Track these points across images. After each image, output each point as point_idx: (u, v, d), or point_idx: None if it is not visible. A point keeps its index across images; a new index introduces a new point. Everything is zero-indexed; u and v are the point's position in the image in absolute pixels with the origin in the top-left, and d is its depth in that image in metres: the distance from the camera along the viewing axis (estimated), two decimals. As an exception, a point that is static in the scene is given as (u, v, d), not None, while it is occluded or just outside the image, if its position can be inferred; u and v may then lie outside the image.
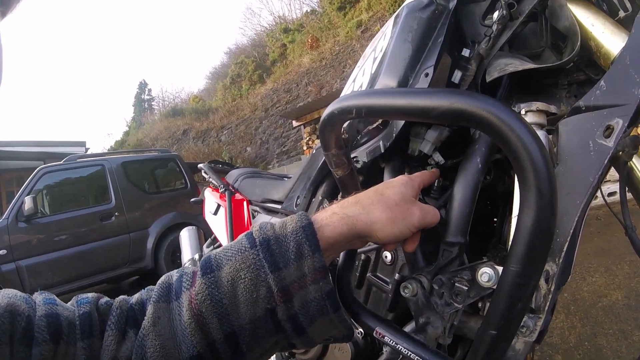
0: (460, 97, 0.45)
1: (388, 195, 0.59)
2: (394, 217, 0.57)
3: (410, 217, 0.58)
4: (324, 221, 0.55)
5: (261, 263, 0.51)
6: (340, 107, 0.61)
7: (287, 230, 0.53)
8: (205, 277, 0.51)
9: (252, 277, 0.50)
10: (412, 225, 0.58)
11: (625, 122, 0.52)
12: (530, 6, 0.68)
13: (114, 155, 6.59)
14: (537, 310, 0.59)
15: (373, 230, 0.56)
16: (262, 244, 0.52)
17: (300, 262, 0.51)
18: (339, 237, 0.55)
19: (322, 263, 0.52)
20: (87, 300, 0.54)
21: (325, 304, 0.53)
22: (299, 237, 0.52)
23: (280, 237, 0.53)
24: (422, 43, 0.75)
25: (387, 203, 0.58)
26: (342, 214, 0.56)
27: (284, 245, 0.52)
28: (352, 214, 0.56)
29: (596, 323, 2.38)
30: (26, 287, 4.81)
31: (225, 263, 0.52)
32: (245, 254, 0.52)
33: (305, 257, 0.51)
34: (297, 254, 0.51)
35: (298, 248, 0.52)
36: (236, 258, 0.52)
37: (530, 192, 0.43)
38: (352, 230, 0.56)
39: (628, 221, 0.76)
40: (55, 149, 12.67)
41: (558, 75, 0.73)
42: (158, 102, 33.37)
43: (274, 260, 0.51)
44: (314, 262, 0.51)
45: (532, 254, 0.45)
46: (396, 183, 0.62)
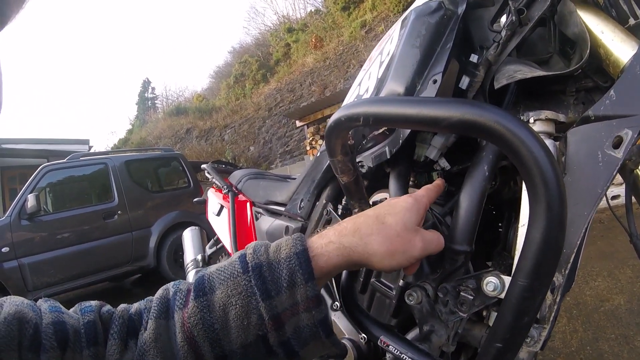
0: (472, 108, 0.44)
1: (390, 225, 0.56)
2: (393, 249, 0.55)
3: (411, 249, 0.55)
4: (318, 250, 0.54)
5: (252, 290, 0.50)
6: (347, 114, 0.61)
7: (281, 256, 0.53)
8: (198, 299, 0.51)
9: (244, 304, 0.50)
10: (412, 257, 0.56)
11: (635, 133, 0.51)
12: (540, 12, 0.68)
13: (117, 154, 6.59)
14: (542, 320, 0.59)
15: (370, 262, 0.55)
16: (254, 270, 0.51)
17: (292, 290, 0.51)
18: (332, 268, 0.54)
19: (315, 292, 0.51)
20: (90, 309, 0.54)
21: (317, 331, 0.52)
22: (292, 265, 0.51)
23: (273, 263, 0.52)
24: (430, 49, 0.74)
25: (387, 234, 0.55)
26: (338, 244, 0.54)
27: (276, 272, 0.51)
28: (349, 245, 0.54)
29: (598, 327, 2.38)
30: (28, 285, 4.83)
31: (218, 287, 0.52)
32: (238, 279, 0.52)
33: (298, 286, 0.51)
34: (290, 282, 0.51)
35: (291, 276, 0.51)
36: (228, 283, 0.52)
37: (540, 206, 0.42)
38: (348, 262, 0.55)
39: (633, 229, 0.76)
40: (58, 146, 12.72)
41: (566, 82, 0.72)
42: (161, 101, 33.40)
43: (266, 287, 0.51)
44: (306, 290, 0.51)
45: (541, 268, 0.44)
46: (400, 209, 0.58)
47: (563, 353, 2.20)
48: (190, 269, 2.00)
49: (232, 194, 1.79)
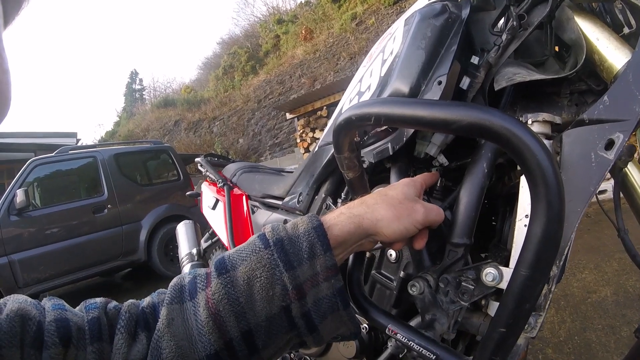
0: (481, 112, 0.47)
1: (392, 195, 0.63)
2: (398, 214, 0.60)
3: (414, 214, 0.61)
4: (332, 221, 0.58)
5: (276, 262, 0.53)
6: (359, 113, 0.63)
7: (299, 231, 0.56)
8: (221, 277, 0.53)
9: (268, 275, 0.53)
10: (416, 221, 0.61)
11: (626, 136, 0.55)
12: (540, 18, 0.71)
13: (106, 147, 6.54)
14: (538, 308, 0.63)
15: (379, 227, 0.59)
16: (276, 244, 0.54)
17: (313, 261, 0.54)
18: (347, 235, 0.58)
19: (334, 261, 0.55)
20: (95, 306, 0.55)
21: (336, 301, 0.55)
22: (311, 237, 0.55)
23: (293, 238, 0.55)
24: (435, 51, 0.77)
25: (390, 202, 0.61)
26: (349, 214, 0.59)
27: (297, 245, 0.55)
28: (358, 213, 0.59)
29: (585, 318, 2.44)
30: (19, 281, 4.79)
31: (240, 263, 0.54)
32: (260, 254, 0.54)
33: (318, 256, 0.54)
34: (310, 253, 0.54)
35: (311, 248, 0.54)
36: (251, 258, 0.54)
37: (541, 204, 0.45)
38: (359, 228, 0.58)
39: (621, 224, 0.80)
40: (46, 140, 12.51)
41: (560, 84, 0.75)
42: (149, 92, 33.07)
43: (288, 259, 0.53)
44: (325, 260, 0.54)
45: (541, 260, 0.48)
46: (399, 184, 0.66)
47: (552, 343, 2.26)
48: (186, 263, 2.00)
49: (228, 188, 1.79)
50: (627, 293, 2.63)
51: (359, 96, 0.95)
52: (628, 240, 0.80)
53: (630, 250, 0.79)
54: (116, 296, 5.49)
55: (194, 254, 2.03)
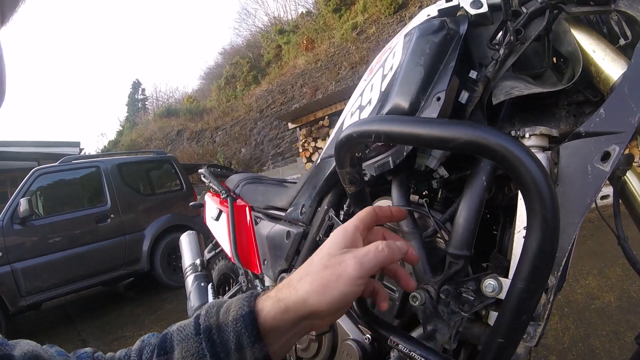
0: (478, 131, 0.48)
1: (315, 262, 0.54)
2: (324, 282, 0.51)
3: (343, 271, 0.51)
4: (259, 305, 0.54)
5: (203, 352, 0.52)
6: (360, 130, 0.65)
7: (229, 318, 0.53)
8: (159, 358, 0.54)
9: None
10: (350, 278, 0.51)
11: (622, 148, 0.56)
12: (536, 32, 0.72)
13: (109, 157, 6.56)
14: (537, 318, 0.64)
15: (309, 306, 0.51)
16: (205, 333, 0.53)
17: (241, 353, 0.51)
18: (273, 321, 0.52)
19: (264, 353, 0.51)
20: (87, 355, 0.56)
21: None
22: (239, 327, 0.52)
23: (221, 326, 0.53)
24: (433, 67, 0.78)
25: (314, 270, 0.53)
26: (275, 298, 0.53)
27: (224, 335, 0.52)
28: (283, 296, 0.53)
29: (589, 325, 2.44)
30: (22, 290, 4.78)
31: (176, 347, 0.53)
32: (190, 341, 0.53)
33: (245, 348, 0.51)
34: (237, 344, 0.51)
35: (237, 338, 0.51)
36: (183, 344, 0.53)
37: (536, 219, 0.47)
38: (287, 314, 0.52)
39: (621, 231, 0.81)
40: (49, 149, 12.58)
41: (558, 96, 0.76)
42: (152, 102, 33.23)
43: (215, 350, 0.51)
44: (254, 352, 0.51)
45: (537, 273, 0.49)
46: (324, 244, 0.56)
47: (556, 350, 2.26)
48: (189, 274, 2.02)
49: (231, 199, 1.80)
50: (631, 298, 2.63)
51: (360, 110, 0.96)
52: (628, 248, 0.81)
53: (630, 258, 0.80)
54: (119, 305, 5.52)
55: (198, 265, 2.04)
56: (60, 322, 5.43)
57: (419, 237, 0.79)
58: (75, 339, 4.50)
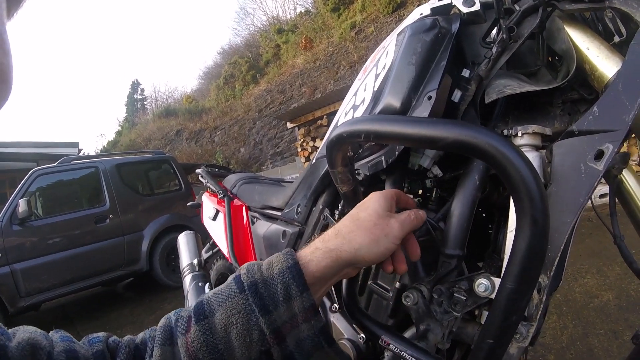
0: (466, 130, 0.48)
1: (364, 218, 0.60)
2: (375, 237, 0.58)
3: (391, 231, 0.59)
4: (307, 257, 0.57)
5: (251, 307, 0.53)
6: (349, 130, 0.64)
7: (274, 272, 0.55)
8: (199, 323, 0.53)
9: (244, 322, 0.52)
10: (394, 237, 0.60)
11: (615, 147, 0.55)
12: (529, 30, 0.71)
13: (108, 157, 6.56)
14: (529, 318, 0.63)
15: (359, 256, 0.57)
16: (251, 288, 0.54)
17: (289, 303, 0.53)
18: (324, 270, 0.56)
19: (312, 302, 0.54)
20: (98, 339, 0.56)
21: (319, 340, 0.55)
22: (286, 279, 0.54)
23: (267, 280, 0.54)
24: (425, 66, 0.77)
25: (365, 226, 0.59)
26: (325, 249, 0.57)
27: (271, 287, 0.54)
28: (335, 246, 0.57)
29: (588, 323, 2.43)
30: (21, 291, 4.79)
31: (217, 309, 0.54)
32: (235, 299, 0.54)
33: (294, 298, 0.53)
34: (286, 295, 0.53)
35: (286, 289, 0.53)
36: (227, 304, 0.54)
37: (525, 219, 0.46)
38: (337, 262, 0.57)
39: (617, 230, 0.81)
40: (48, 150, 12.57)
41: (553, 94, 0.76)
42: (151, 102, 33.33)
43: (264, 303, 0.53)
44: (302, 302, 0.53)
45: (526, 273, 0.49)
46: (369, 203, 0.63)
47: (554, 349, 2.26)
48: (187, 274, 2.02)
49: (228, 199, 1.80)
50: (630, 297, 2.62)
51: (354, 110, 0.96)
52: (624, 247, 0.81)
53: (626, 257, 0.80)
54: (118, 306, 5.51)
55: (195, 265, 2.04)
56: (60, 323, 5.42)
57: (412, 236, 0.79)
58: (75, 340, 4.49)
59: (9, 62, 0.33)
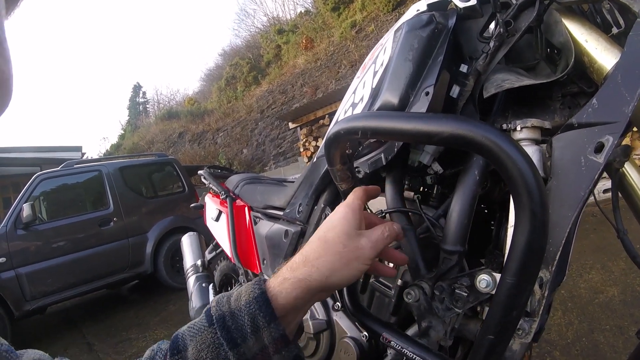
0: (463, 124, 0.48)
1: (333, 240, 0.58)
2: (345, 261, 0.56)
3: (362, 253, 0.57)
4: (276, 289, 0.55)
5: (219, 341, 0.52)
6: (346, 127, 0.64)
7: (241, 303, 0.54)
8: (172, 358, 0.53)
9: (213, 356, 0.52)
10: (366, 259, 0.58)
11: (615, 139, 0.55)
12: (526, 23, 0.71)
13: (111, 160, 6.58)
14: (532, 313, 0.63)
15: (330, 282, 0.56)
16: (218, 321, 0.53)
17: (258, 335, 0.52)
18: (295, 301, 0.55)
19: (281, 332, 0.53)
20: None
21: None
22: (252, 309, 0.53)
23: (234, 312, 0.54)
24: (422, 62, 0.77)
25: (334, 250, 0.57)
26: (293, 279, 0.55)
27: (239, 319, 0.53)
28: (303, 276, 0.55)
29: (593, 319, 2.43)
30: (26, 295, 4.80)
31: (189, 343, 0.54)
32: (204, 333, 0.53)
33: (262, 329, 0.52)
34: (253, 327, 0.52)
35: (253, 321, 0.52)
36: (197, 338, 0.53)
37: (524, 213, 0.46)
38: (308, 291, 0.55)
39: (620, 224, 0.80)
40: (51, 154, 12.60)
41: (552, 87, 0.75)
42: (153, 105, 33.35)
43: (231, 336, 0.52)
44: (271, 332, 0.52)
45: (525, 268, 0.48)
46: (336, 222, 0.60)
47: (559, 345, 2.25)
48: (191, 275, 2.02)
49: (230, 199, 1.81)
50: (635, 292, 2.61)
51: (353, 107, 0.96)
52: (628, 241, 0.80)
53: (630, 251, 0.79)
54: (123, 308, 5.53)
55: (199, 266, 2.05)
56: (65, 326, 5.45)
57: (413, 233, 0.78)
58: (80, 342, 4.52)
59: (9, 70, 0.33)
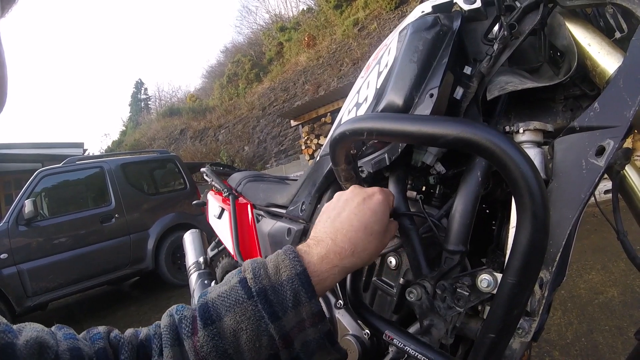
0: (467, 127, 0.49)
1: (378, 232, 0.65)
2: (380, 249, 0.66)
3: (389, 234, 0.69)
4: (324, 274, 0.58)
5: (261, 314, 0.53)
6: (352, 128, 0.65)
7: (282, 278, 0.56)
8: (207, 328, 0.54)
9: (254, 328, 0.53)
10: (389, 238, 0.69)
11: (616, 143, 0.55)
12: (530, 26, 0.71)
13: (112, 157, 6.59)
14: (532, 313, 0.63)
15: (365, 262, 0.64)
16: (260, 295, 0.54)
17: (297, 309, 0.54)
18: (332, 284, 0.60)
19: (319, 308, 0.55)
20: (99, 336, 0.56)
21: (324, 342, 0.57)
22: (295, 286, 0.55)
23: (276, 287, 0.55)
24: (427, 63, 0.78)
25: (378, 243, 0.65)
26: (341, 267, 0.60)
27: (280, 294, 0.55)
28: (350, 265, 0.61)
29: (592, 320, 2.43)
30: (28, 291, 4.83)
31: (225, 314, 0.54)
32: (244, 305, 0.54)
33: (303, 304, 0.54)
34: (295, 301, 0.54)
35: (295, 296, 0.54)
36: (235, 310, 0.54)
37: (526, 214, 0.47)
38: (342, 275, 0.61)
39: (620, 226, 0.81)
40: (52, 150, 12.60)
41: (555, 90, 0.76)
42: (155, 102, 33.41)
43: (273, 310, 0.53)
44: (311, 307, 0.55)
45: (527, 268, 0.49)
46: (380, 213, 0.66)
47: (559, 345, 2.26)
48: (193, 272, 2.03)
49: (233, 197, 1.81)
50: (635, 293, 2.62)
51: (357, 107, 0.96)
52: (627, 243, 0.81)
53: (629, 253, 0.80)
54: (124, 304, 5.54)
55: (201, 263, 2.05)
56: (67, 322, 5.25)
57: (416, 233, 0.79)
58: (81, 338, 4.52)
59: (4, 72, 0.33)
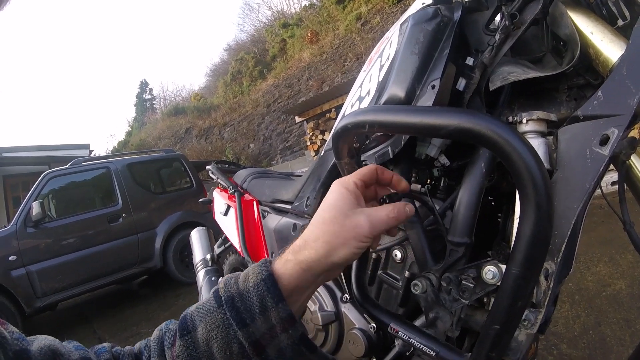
0: (469, 117, 0.48)
1: (330, 220, 0.57)
2: (343, 240, 0.56)
3: (359, 230, 0.56)
4: (280, 270, 0.57)
5: (229, 321, 0.54)
6: (354, 121, 0.65)
7: (249, 284, 0.56)
8: (182, 338, 0.55)
9: (223, 335, 0.54)
10: (364, 237, 0.56)
11: (620, 131, 0.55)
12: (532, 16, 0.71)
13: (119, 157, 6.62)
14: (537, 305, 0.63)
15: (330, 262, 0.56)
16: (227, 302, 0.55)
17: (266, 315, 0.54)
18: (297, 282, 0.56)
19: (288, 312, 0.54)
20: (105, 349, 0.58)
21: (300, 348, 0.56)
22: (261, 291, 0.54)
23: (243, 293, 0.55)
24: (428, 55, 0.78)
25: (331, 230, 0.56)
26: (295, 260, 0.57)
27: (247, 300, 0.55)
28: (304, 258, 0.56)
29: (600, 312, 2.41)
30: (37, 292, 4.86)
31: (198, 324, 0.56)
32: (214, 313, 0.55)
33: (270, 309, 0.54)
34: (262, 307, 0.54)
35: (261, 302, 0.54)
36: (206, 319, 0.55)
37: (529, 205, 0.47)
38: (309, 272, 0.56)
39: (626, 216, 0.80)
40: (59, 152, 12.70)
41: (558, 80, 0.75)
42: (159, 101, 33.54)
43: (241, 317, 0.54)
44: (279, 312, 0.54)
45: (531, 259, 0.49)
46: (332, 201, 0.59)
47: (566, 338, 2.24)
48: (200, 269, 2.04)
49: (239, 194, 1.82)
50: (643, 285, 2.60)
51: (360, 101, 0.96)
52: (634, 233, 0.80)
53: (636, 244, 0.79)
54: (134, 303, 5.58)
55: (208, 260, 2.07)
56: (76, 321, 5.51)
57: (420, 225, 0.79)
58: (92, 337, 4.57)
59: None
